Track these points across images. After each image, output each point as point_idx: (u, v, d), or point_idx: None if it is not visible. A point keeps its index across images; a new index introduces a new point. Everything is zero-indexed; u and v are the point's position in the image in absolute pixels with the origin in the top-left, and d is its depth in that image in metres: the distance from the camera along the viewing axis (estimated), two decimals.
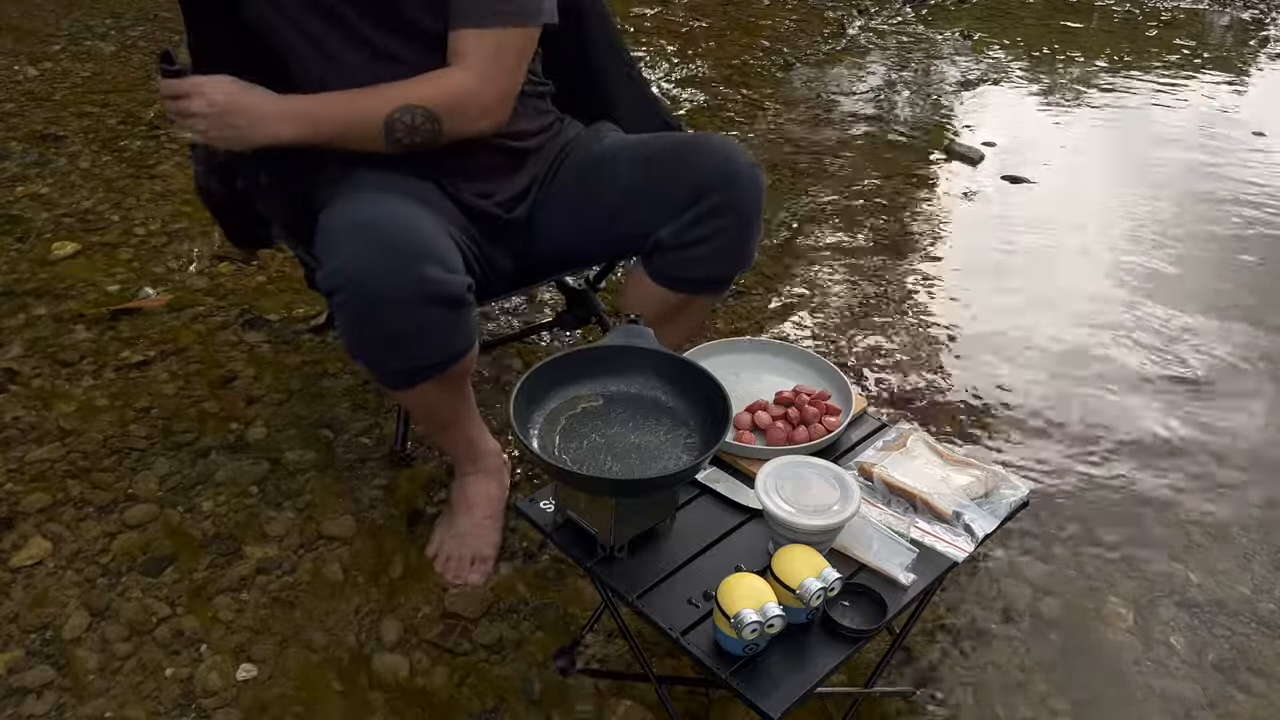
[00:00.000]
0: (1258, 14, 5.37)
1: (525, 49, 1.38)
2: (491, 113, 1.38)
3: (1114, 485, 1.83)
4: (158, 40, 3.84)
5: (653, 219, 1.41)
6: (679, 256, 1.41)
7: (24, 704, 1.32)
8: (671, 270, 1.44)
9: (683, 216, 1.38)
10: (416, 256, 1.20)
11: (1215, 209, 3.01)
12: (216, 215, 1.60)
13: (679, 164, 1.40)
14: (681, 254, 1.41)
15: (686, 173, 1.39)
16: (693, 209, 1.37)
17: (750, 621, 0.99)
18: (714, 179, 1.37)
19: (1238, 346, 2.30)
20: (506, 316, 2.25)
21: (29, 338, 2.06)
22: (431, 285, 1.21)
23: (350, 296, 1.21)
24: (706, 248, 1.39)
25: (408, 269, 1.19)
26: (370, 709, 1.34)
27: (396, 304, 1.20)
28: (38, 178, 2.72)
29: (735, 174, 1.37)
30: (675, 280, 1.46)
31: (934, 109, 3.75)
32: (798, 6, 4.92)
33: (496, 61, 1.35)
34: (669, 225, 1.39)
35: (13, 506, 1.64)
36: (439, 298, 1.22)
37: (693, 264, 1.42)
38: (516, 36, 1.35)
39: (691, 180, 1.38)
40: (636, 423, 1.18)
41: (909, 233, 2.77)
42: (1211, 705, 1.41)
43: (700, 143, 1.43)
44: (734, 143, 1.45)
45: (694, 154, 1.40)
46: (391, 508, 1.67)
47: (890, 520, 1.21)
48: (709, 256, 1.41)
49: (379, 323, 1.22)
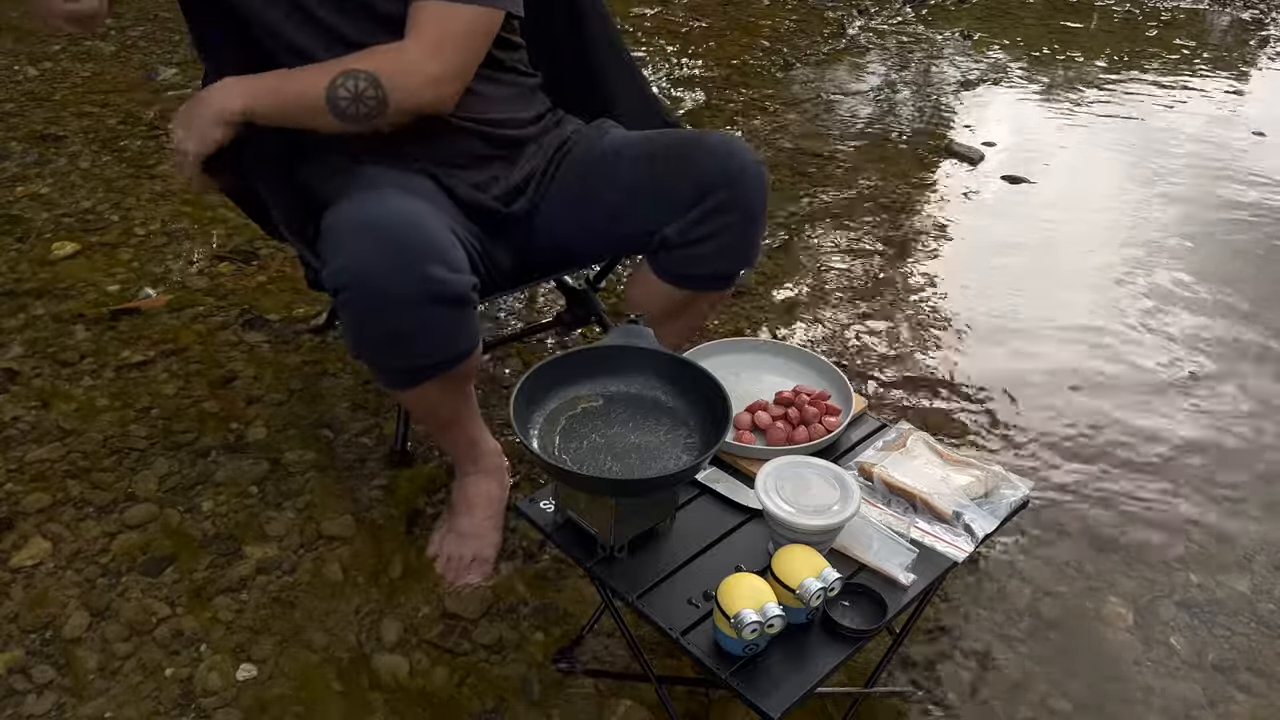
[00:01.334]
0: (1258, 14, 5.36)
1: (484, 31, 1.35)
2: (438, 85, 1.33)
3: (1114, 485, 1.83)
4: (158, 40, 3.84)
5: (657, 217, 1.41)
6: (685, 254, 1.41)
7: (24, 704, 1.32)
8: (677, 267, 1.44)
9: (688, 214, 1.38)
10: (422, 255, 1.20)
11: (1216, 209, 3.01)
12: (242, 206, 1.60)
13: (683, 161, 1.40)
14: (687, 251, 1.41)
15: (691, 170, 1.39)
16: (698, 206, 1.38)
17: (750, 621, 0.99)
18: (718, 176, 1.37)
19: (1239, 346, 2.30)
20: (507, 316, 2.25)
21: (29, 338, 2.06)
22: (436, 285, 1.21)
23: (355, 295, 1.21)
24: (712, 244, 1.40)
25: (413, 268, 1.19)
26: (370, 709, 1.34)
27: (401, 303, 1.20)
28: (38, 178, 2.72)
29: (740, 171, 1.38)
30: (681, 277, 1.46)
31: (934, 109, 3.75)
32: (798, 6, 4.92)
33: (447, 35, 1.32)
34: (674, 223, 1.40)
35: (13, 506, 1.64)
36: (443, 297, 1.22)
37: (699, 261, 1.42)
38: (475, 16, 1.33)
39: (696, 177, 1.38)
40: (636, 423, 1.18)
41: (909, 233, 2.77)
42: (1211, 705, 1.41)
43: (704, 139, 1.43)
44: (737, 139, 1.45)
45: (698, 150, 1.40)
46: (391, 508, 1.67)
47: (890, 520, 1.21)
48: (715, 253, 1.41)
49: (383, 321, 1.22)
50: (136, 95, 3.30)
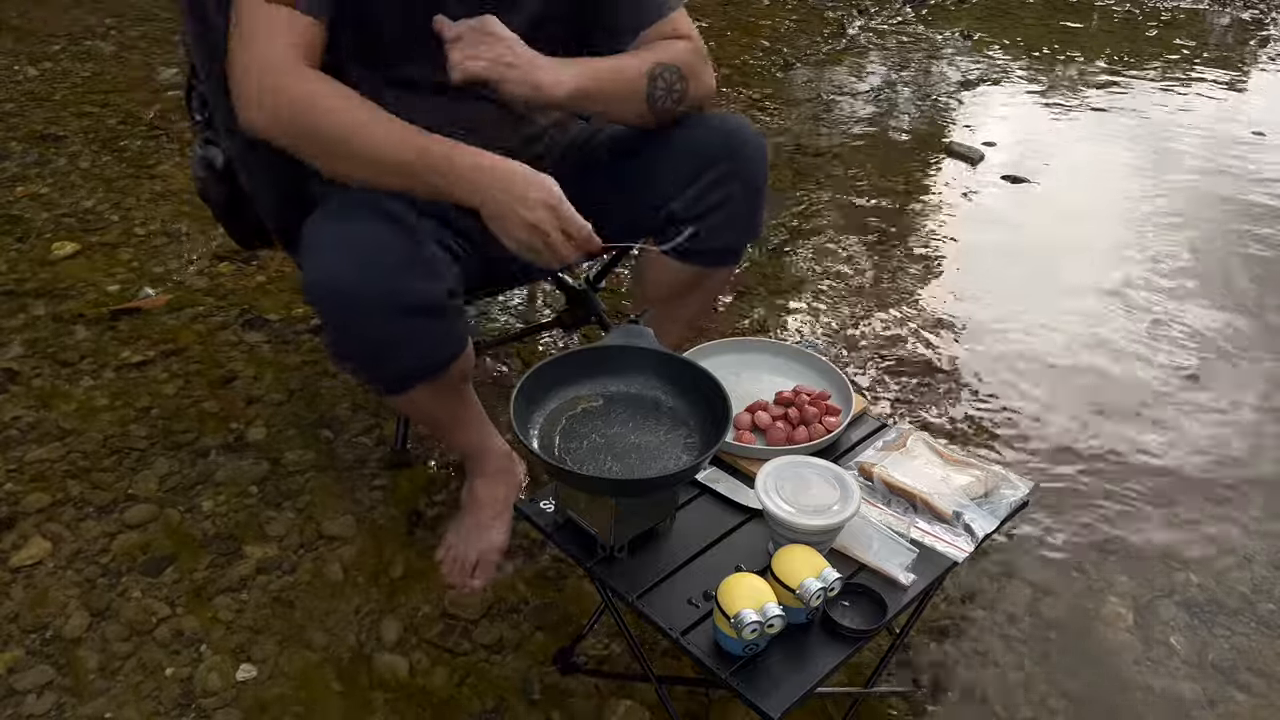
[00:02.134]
0: (1258, 14, 5.36)
1: None
2: (712, 82, 1.40)
3: (1114, 485, 1.83)
4: (157, 40, 3.84)
5: (662, 192, 1.41)
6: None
7: (24, 704, 1.32)
8: (685, 242, 1.44)
9: (691, 188, 1.39)
10: (393, 267, 1.19)
11: (1216, 209, 3.01)
12: (217, 214, 1.60)
13: (683, 138, 1.41)
14: (694, 225, 1.41)
15: (692, 145, 1.40)
16: (701, 179, 1.38)
17: (750, 621, 0.99)
18: (719, 148, 1.38)
19: (1239, 346, 2.29)
20: (507, 316, 2.25)
21: (29, 338, 2.06)
22: (409, 295, 1.19)
23: (329, 306, 1.20)
24: (720, 214, 1.39)
25: (383, 280, 1.17)
26: (370, 709, 1.34)
27: (374, 314, 1.19)
28: (38, 178, 2.72)
29: (741, 143, 1.39)
30: (689, 253, 1.45)
31: (934, 109, 3.75)
32: (798, 6, 4.92)
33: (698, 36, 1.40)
34: (679, 198, 1.40)
35: (13, 506, 1.63)
36: (416, 308, 1.21)
37: (706, 234, 1.41)
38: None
39: (698, 151, 1.39)
40: (636, 423, 1.18)
41: (909, 233, 2.77)
42: (1211, 705, 1.41)
43: (703, 116, 1.44)
44: (737, 115, 1.46)
45: (698, 128, 1.41)
46: (391, 508, 1.67)
47: (890, 520, 1.21)
48: (722, 224, 1.41)
49: (359, 332, 1.21)
50: (136, 95, 3.30)
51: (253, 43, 1.18)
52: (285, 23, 1.18)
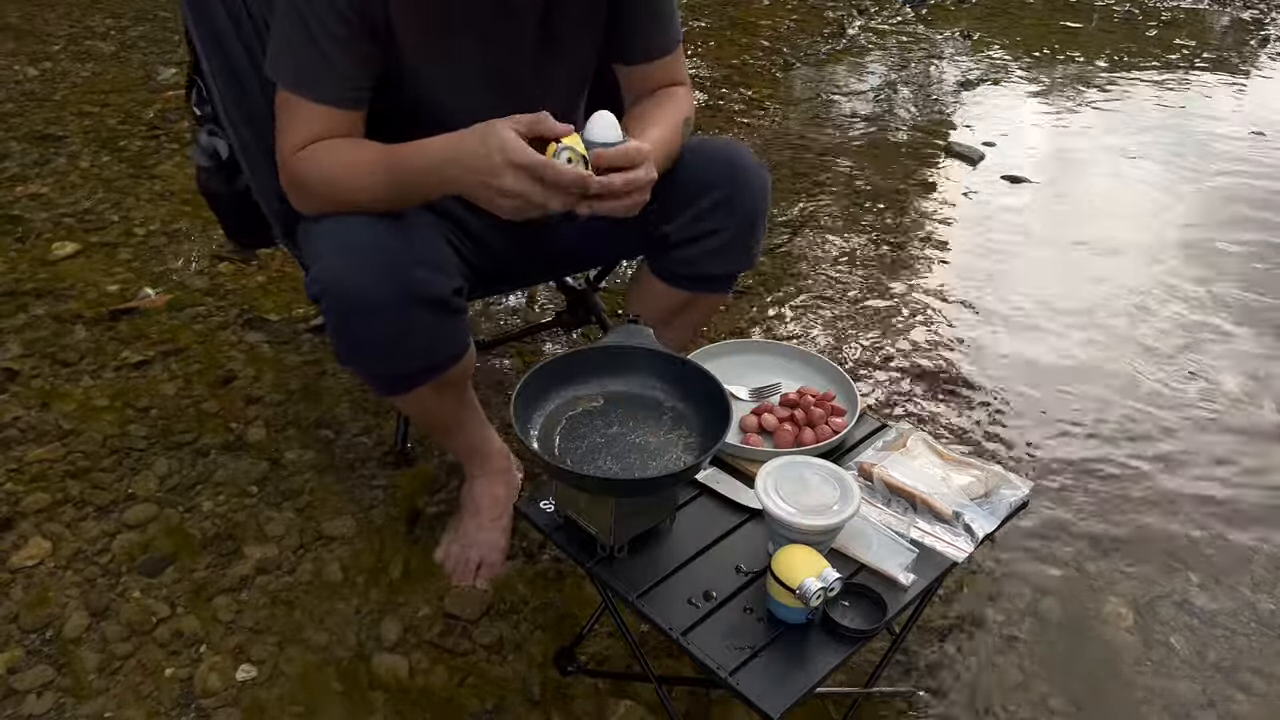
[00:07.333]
0: (1258, 14, 5.36)
1: None
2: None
3: (1114, 485, 1.83)
4: (157, 40, 3.84)
5: (658, 217, 1.41)
6: (684, 253, 1.41)
7: (24, 704, 1.32)
8: (677, 268, 1.44)
9: (687, 212, 1.38)
10: (397, 261, 1.19)
11: (1215, 208, 3.01)
12: (218, 213, 1.60)
13: (682, 162, 1.40)
14: (687, 250, 1.40)
15: (691, 170, 1.39)
16: (697, 205, 1.37)
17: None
18: (719, 175, 1.37)
19: (1240, 346, 2.29)
20: (507, 316, 2.25)
21: (29, 338, 2.06)
22: (414, 287, 1.20)
23: (334, 302, 1.20)
24: (713, 241, 1.39)
25: (387, 274, 1.18)
26: (370, 709, 1.34)
27: (378, 308, 1.18)
28: (38, 178, 2.72)
29: (742, 171, 1.38)
30: (680, 278, 1.45)
31: (934, 109, 3.75)
32: (798, 6, 4.92)
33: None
34: (674, 222, 1.39)
35: (13, 506, 1.63)
36: (422, 300, 1.21)
37: (698, 261, 1.41)
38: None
39: (696, 177, 1.38)
40: (636, 423, 1.18)
41: (909, 233, 2.77)
42: (1211, 705, 1.41)
43: (705, 142, 1.43)
44: (739, 143, 1.46)
45: (697, 154, 1.40)
46: (391, 508, 1.67)
47: (890, 520, 1.21)
48: (715, 251, 1.40)
49: (363, 328, 1.21)
50: (136, 95, 3.30)
51: (278, 136, 1.27)
52: (303, 116, 1.24)
